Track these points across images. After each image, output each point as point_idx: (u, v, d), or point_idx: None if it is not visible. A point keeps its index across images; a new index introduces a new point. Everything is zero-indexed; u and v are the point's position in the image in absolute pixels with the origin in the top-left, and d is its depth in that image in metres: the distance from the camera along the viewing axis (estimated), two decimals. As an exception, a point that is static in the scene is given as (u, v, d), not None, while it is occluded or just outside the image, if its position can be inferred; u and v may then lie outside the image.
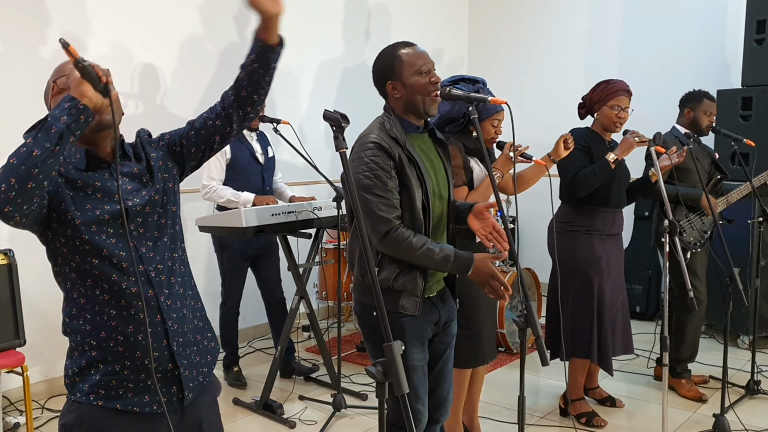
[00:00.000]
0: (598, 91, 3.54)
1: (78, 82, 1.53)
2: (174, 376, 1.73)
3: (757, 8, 4.86)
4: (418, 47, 2.32)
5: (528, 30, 6.61)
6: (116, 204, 1.67)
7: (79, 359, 1.71)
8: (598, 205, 3.52)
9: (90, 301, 1.67)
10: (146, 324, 1.66)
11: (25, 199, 1.47)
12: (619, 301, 3.64)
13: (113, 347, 1.67)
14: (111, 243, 1.65)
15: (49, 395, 4.01)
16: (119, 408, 1.68)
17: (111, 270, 1.65)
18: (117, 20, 4.25)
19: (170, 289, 1.73)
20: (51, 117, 1.50)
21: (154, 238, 1.73)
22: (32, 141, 1.47)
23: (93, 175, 1.68)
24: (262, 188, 4.15)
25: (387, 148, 2.22)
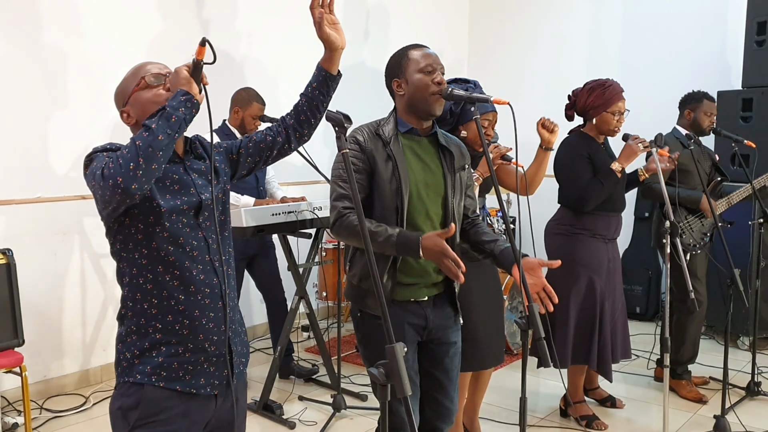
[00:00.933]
0: (596, 96, 3.44)
1: (188, 80, 1.69)
2: (226, 361, 1.82)
3: (757, 9, 4.86)
4: (429, 49, 2.35)
5: (528, 30, 6.60)
6: (192, 196, 1.79)
7: (140, 341, 1.76)
8: (602, 210, 3.49)
9: (159, 285, 1.75)
10: (211, 309, 1.78)
11: (148, 179, 1.59)
12: (619, 306, 3.62)
13: (179, 330, 1.76)
14: (186, 232, 1.77)
15: (48, 395, 4.00)
16: (179, 389, 1.76)
17: (184, 257, 1.75)
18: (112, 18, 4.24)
19: (228, 281, 1.85)
20: (170, 108, 1.64)
21: (218, 232, 1.83)
22: (156, 127, 1.61)
23: (170, 167, 1.79)
24: (256, 188, 4.15)
25: (362, 142, 2.27)
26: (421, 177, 2.32)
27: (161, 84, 1.80)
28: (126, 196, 1.59)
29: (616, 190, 3.50)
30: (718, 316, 4.81)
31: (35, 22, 3.89)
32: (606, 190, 3.38)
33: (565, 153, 3.53)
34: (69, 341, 4.14)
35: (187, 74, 1.70)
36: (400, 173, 2.25)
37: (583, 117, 3.56)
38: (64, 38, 4.01)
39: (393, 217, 2.25)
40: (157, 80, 1.80)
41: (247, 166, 1.99)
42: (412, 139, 2.35)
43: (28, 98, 3.88)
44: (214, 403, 1.83)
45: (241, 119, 4.09)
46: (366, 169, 2.27)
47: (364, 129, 2.32)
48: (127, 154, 1.58)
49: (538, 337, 1.99)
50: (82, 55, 4.08)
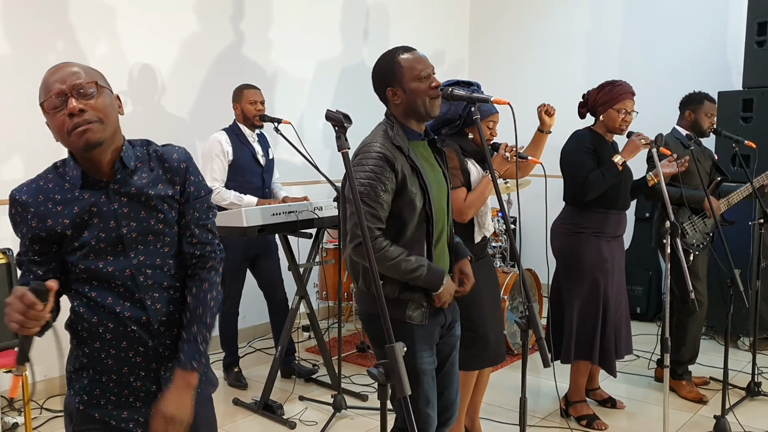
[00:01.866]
0: (604, 93, 3.50)
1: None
2: (156, 399, 1.72)
3: (758, 10, 4.86)
4: (418, 51, 2.31)
5: (529, 32, 6.60)
6: (112, 230, 1.65)
7: (73, 360, 1.76)
8: (606, 208, 3.50)
9: (89, 312, 1.69)
10: (140, 343, 1.69)
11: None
12: (622, 304, 3.63)
13: (104, 359, 1.70)
14: (108, 272, 1.65)
15: (48, 395, 4.00)
16: (97, 417, 1.72)
17: (107, 294, 1.67)
18: (116, 20, 4.24)
19: (168, 317, 1.72)
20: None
21: (155, 265, 1.70)
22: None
23: (86, 200, 1.65)
24: (261, 189, 4.15)
25: (391, 159, 2.21)
26: (434, 179, 2.36)
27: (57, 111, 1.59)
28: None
29: (620, 188, 3.51)
30: (718, 317, 4.80)
31: (37, 23, 3.90)
32: (607, 181, 3.40)
33: (571, 145, 3.58)
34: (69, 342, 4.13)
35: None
36: (425, 182, 2.27)
37: (593, 115, 3.59)
38: (66, 40, 4.02)
39: (424, 225, 2.28)
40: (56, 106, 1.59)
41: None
42: (419, 144, 2.37)
43: (28, 98, 3.87)
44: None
45: (241, 112, 4.13)
46: (394, 189, 2.22)
47: (384, 143, 2.24)
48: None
49: (538, 337, 2.00)
50: (83, 56, 4.09)
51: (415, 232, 2.27)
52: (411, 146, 2.31)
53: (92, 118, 1.58)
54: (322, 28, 5.57)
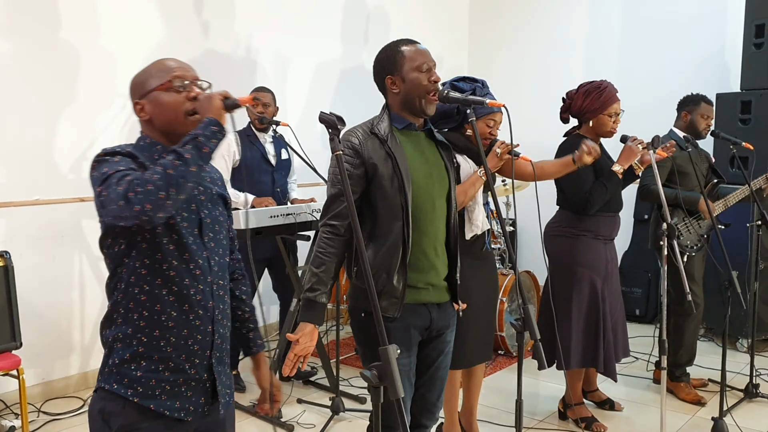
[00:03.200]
0: (592, 100, 3.44)
1: (220, 112, 1.66)
2: (206, 388, 1.78)
3: (755, 12, 4.87)
4: (421, 45, 2.30)
5: (528, 33, 6.61)
6: (192, 213, 1.75)
7: (122, 351, 1.72)
8: (602, 211, 3.48)
9: (153, 298, 1.70)
10: (200, 332, 1.74)
11: (175, 208, 1.58)
12: (618, 306, 3.62)
13: (163, 347, 1.71)
14: (193, 248, 1.72)
15: (46, 398, 4.00)
16: (152, 408, 1.71)
17: (186, 273, 1.71)
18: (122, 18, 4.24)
19: (224, 306, 1.81)
20: (203, 138, 1.60)
21: (220, 255, 1.81)
22: (190, 157, 1.57)
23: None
24: (271, 189, 4.16)
25: (356, 145, 2.22)
26: (425, 171, 2.30)
27: (187, 91, 1.74)
28: (150, 224, 1.56)
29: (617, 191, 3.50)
30: (716, 319, 4.81)
31: (37, 26, 3.90)
32: (609, 192, 3.39)
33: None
34: (67, 344, 4.14)
35: (220, 104, 1.65)
36: (401, 170, 2.21)
37: (578, 119, 3.56)
38: (66, 42, 4.02)
39: (399, 215, 2.22)
40: (184, 86, 1.75)
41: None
42: (410, 135, 2.33)
43: (27, 101, 3.89)
44: (189, 426, 1.76)
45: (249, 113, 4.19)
46: (359, 174, 2.22)
47: (358, 130, 2.27)
48: (159, 181, 1.53)
49: (535, 339, 2.00)
50: (84, 58, 4.09)
51: (390, 226, 2.23)
52: (399, 135, 2.28)
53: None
54: (323, 31, 5.57)
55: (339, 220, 2.24)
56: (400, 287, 2.24)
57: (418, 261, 2.29)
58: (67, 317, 4.13)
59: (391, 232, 2.23)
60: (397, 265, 2.22)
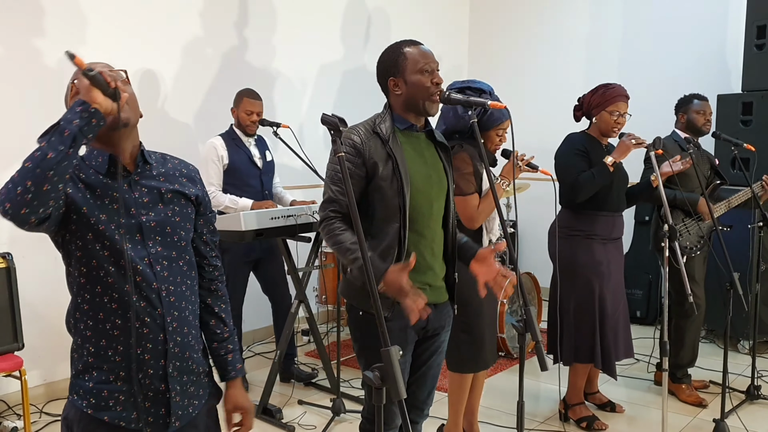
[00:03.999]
0: (597, 96, 3.52)
1: (87, 88, 1.54)
2: (165, 398, 1.71)
3: (757, 13, 4.87)
4: (424, 46, 2.30)
5: (528, 35, 6.61)
6: (131, 218, 1.67)
7: (76, 361, 1.71)
8: (598, 209, 3.51)
9: (95, 307, 1.66)
10: (149, 340, 1.67)
11: (42, 202, 1.47)
12: (620, 306, 3.63)
13: (111, 356, 1.66)
14: (131, 255, 1.65)
15: (48, 399, 4.00)
16: (106, 420, 1.67)
17: (124, 281, 1.64)
18: (117, 24, 4.25)
19: (179, 312, 1.73)
20: (63, 121, 1.51)
21: (170, 258, 1.72)
22: (46, 144, 1.47)
23: (111, 183, 1.67)
24: (260, 192, 4.15)
25: (359, 145, 2.21)
26: (424, 173, 2.30)
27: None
28: (19, 222, 1.47)
29: (611, 190, 3.50)
30: (718, 320, 4.81)
31: (34, 27, 3.91)
32: (597, 182, 3.40)
33: (562, 148, 3.60)
34: (69, 345, 4.12)
35: (87, 83, 1.54)
36: (401, 172, 2.21)
37: (588, 118, 3.61)
38: (65, 44, 4.02)
39: (396, 217, 2.22)
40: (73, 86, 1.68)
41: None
42: (411, 136, 2.33)
43: (28, 103, 3.89)
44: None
45: (237, 118, 4.14)
46: (360, 173, 2.22)
47: (360, 128, 2.26)
48: (17, 176, 1.46)
49: (537, 341, 2.00)
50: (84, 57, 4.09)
51: (386, 227, 2.23)
52: (400, 136, 2.29)
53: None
54: (324, 32, 5.58)
55: (339, 213, 2.22)
56: None
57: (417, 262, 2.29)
58: (69, 318, 4.13)
59: (387, 234, 2.23)
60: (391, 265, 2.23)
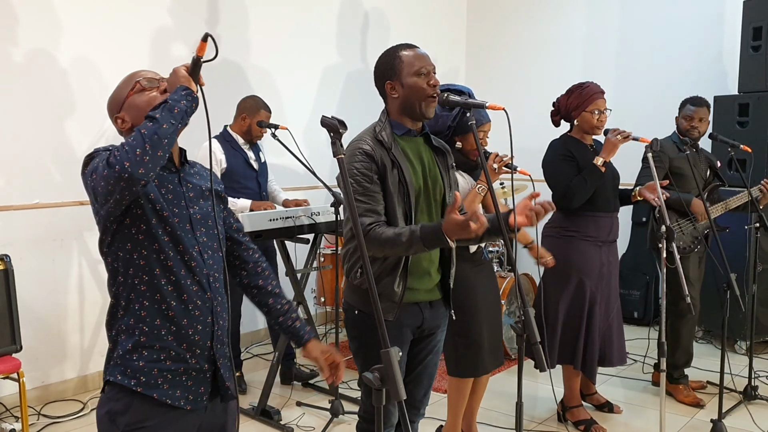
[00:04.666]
0: (574, 98, 3.49)
1: (188, 78, 1.71)
2: (206, 378, 1.82)
3: (753, 15, 4.88)
4: (420, 49, 2.31)
5: (525, 37, 6.62)
6: (182, 209, 1.80)
7: (125, 342, 1.76)
8: (591, 210, 3.50)
9: (153, 288, 1.75)
10: (199, 321, 1.78)
11: (155, 165, 1.60)
12: (613, 311, 3.62)
13: (164, 336, 1.75)
14: (186, 240, 1.78)
15: (46, 401, 4.00)
16: (155, 397, 1.74)
17: (182, 265, 1.76)
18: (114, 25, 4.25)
19: (221, 297, 1.85)
20: (171, 100, 1.65)
21: (214, 249, 1.85)
22: (160, 116, 1.62)
23: (166, 176, 1.80)
24: (258, 193, 4.16)
25: (370, 152, 2.23)
26: (424, 177, 2.33)
27: (155, 87, 1.82)
28: (132, 183, 1.58)
29: (603, 190, 3.50)
30: (715, 321, 4.82)
31: (37, 30, 3.90)
32: (590, 185, 3.39)
33: (549, 154, 3.58)
34: (67, 347, 4.14)
35: (186, 73, 1.71)
36: (405, 178, 2.24)
37: (568, 121, 3.59)
38: (66, 46, 4.02)
39: (403, 222, 2.26)
40: (151, 84, 1.82)
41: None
42: (410, 141, 2.34)
43: (26, 105, 3.89)
44: (191, 421, 1.81)
45: (248, 126, 4.12)
46: (377, 179, 2.23)
47: (366, 137, 2.27)
48: (133, 141, 1.59)
49: (534, 342, 2.00)
50: (82, 63, 4.10)
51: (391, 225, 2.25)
52: (399, 142, 2.30)
53: None
54: (322, 35, 5.58)
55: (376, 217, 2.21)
56: (399, 292, 2.27)
57: (417, 266, 2.32)
58: (67, 320, 4.13)
59: None
60: (399, 270, 2.26)
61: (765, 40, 4.80)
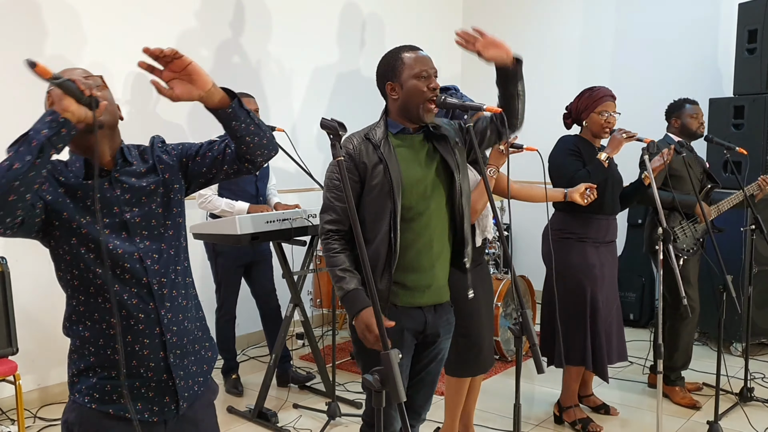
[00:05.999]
0: (584, 100, 3.55)
1: (59, 96, 1.52)
2: (168, 387, 1.75)
3: (748, 18, 4.90)
4: (423, 52, 2.32)
5: (522, 41, 6.63)
6: (116, 216, 1.69)
7: (78, 362, 1.74)
8: (592, 212, 3.52)
9: (90, 308, 1.69)
10: (145, 335, 1.69)
11: (8, 212, 1.47)
12: (613, 309, 3.64)
13: (110, 355, 1.69)
14: (117, 253, 1.68)
15: (42, 404, 3.99)
16: (112, 413, 1.70)
17: (114, 281, 1.67)
18: (110, 26, 4.25)
19: (172, 302, 1.75)
20: (32, 131, 1.50)
21: (160, 250, 1.74)
22: (13, 155, 1.47)
23: (90, 185, 1.67)
24: (256, 197, 4.15)
25: (351, 150, 2.27)
26: (420, 174, 2.31)
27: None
28: None
29: (606, 192, 3.51)
30: (711, 323, 4.82)
31: (33, 32, 3.90)
32: (593, 179, 3.41)
33: (555, 149, 3.62)
34: (63, 349, 4.04)
35: (59, 92, 1.52)
36: (391, 176, 2.24)
37: (578, 124, 3.64)
38: (63, 49, 4.02)
39: (386, 220, 2.24)
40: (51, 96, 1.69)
41: (203, 176, 1.85)
42: (405, 138, 2.34)
43: (22, 107, 3.88)
44: (162, 428, 1.77)
45: None
46: (354, 177, 2.27)
47: (355, 136, 2.31)
48: None
49: (532, 344, 2.01)
50: (81, 64, 4.09)
51: (376, 230, 2.26)
52: (394, 140, 2.31)
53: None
54: (319, 36, 5.59)
55: (336, 224, 2.28)
56: (384, 290, 2.27)
57: (416, 262, 2.30)
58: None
59: (377, 236, 2.26)
60: (382, 269, 2.26)
61: (760, 43, 4.82)
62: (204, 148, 1.84)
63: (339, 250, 2.26)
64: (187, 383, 1.78)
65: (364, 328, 2.18)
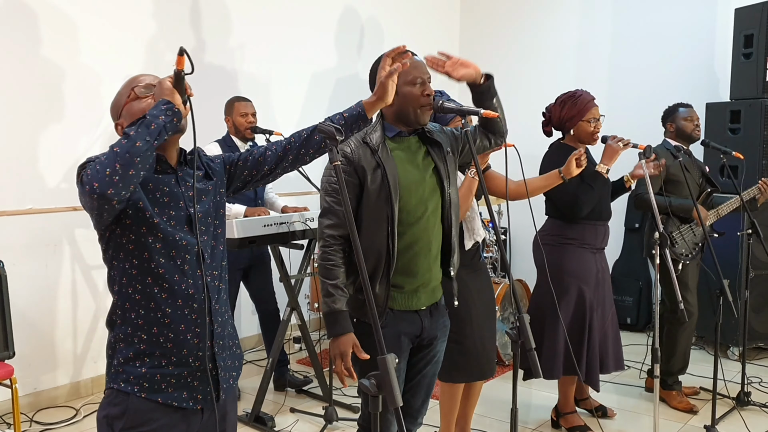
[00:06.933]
0: (569, 108, 3.48)
1: (171, 90, 1.70)
2: (212, 376, 1.83)
3: (744, 23, 4.92)
4: (417, 57, 2.30)
5: (519, 45, 6.65)
6: (181, 210, 1.80)
7: (125, 350, 1.78)
8: (589, 219, 3.50)
9: (147, 296, 1.76)
10: (197, 324, 1.79)
11: (126, 185, 1.59)
12: (609, 317, 3.63)
13: (163, 343, 1.77)
14: (181, 245, 1.78)
15: (38, 408, 3.98)
16: (160, 401, 1.77)
17: (174, 270, 1.76)
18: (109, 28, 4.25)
19: (218, 295, 1.87)
20: (149, 116, 1.65)
21: (212, 246, 1.86)
22: (135, 134, 1.61)
23: (162, 179, 1.79)
24: (253, 200, 4.15)
25: (348, 153, 2.27)
26: (417, 177, 2.32)
27: (150, 94, 1.81)
28: (103, 202, 1.58)
29: (602, 199, 3.51)
30: (708, 327, 4.83)
31: (30, 36, 3.90)
32: (596, 192, 3.40)
33: (549, 166, 3.54)
34: (60, 353, 4.12)
35: (170, 85, 1.70)
36: (389, 181, 2.24)
37: (561, 130, 3.59)
38: (59, 52, 4.02)
39: (384, 225, 2.24)
40: (147, 91, 1.81)
41: (242, 179, 1.98)
42: (401, 142, 2.34)
43: (19, 110, 3.88)
44: (200, 417, 1.84)
45: (233, 125, 4.15)
46: (353, 181, 2.26)
47: (352, 140, 2.29)
48: (105, 159, 1.59)
49: (528, 348, 2.00)
50: (75, 68, 4.09)
51: (374, 235, 2.25)
52: (390, 143, 2.31)
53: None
54: (317, 40, 5.60)
55: (337, 230, 2.27)
56: (382, 295, 2.27)
57: (412, 266, 2.30)
58: (60, 326, 4.11)
59: (375, 241, 2.26)
60: (380, 274, 2.26)
61: (756, 48, 4.83)
62: (244, 155, 2.00)
63: (337, 263, 2.25)
64: (226, 375, 1.87)
65: (338, 353, 2.18)
